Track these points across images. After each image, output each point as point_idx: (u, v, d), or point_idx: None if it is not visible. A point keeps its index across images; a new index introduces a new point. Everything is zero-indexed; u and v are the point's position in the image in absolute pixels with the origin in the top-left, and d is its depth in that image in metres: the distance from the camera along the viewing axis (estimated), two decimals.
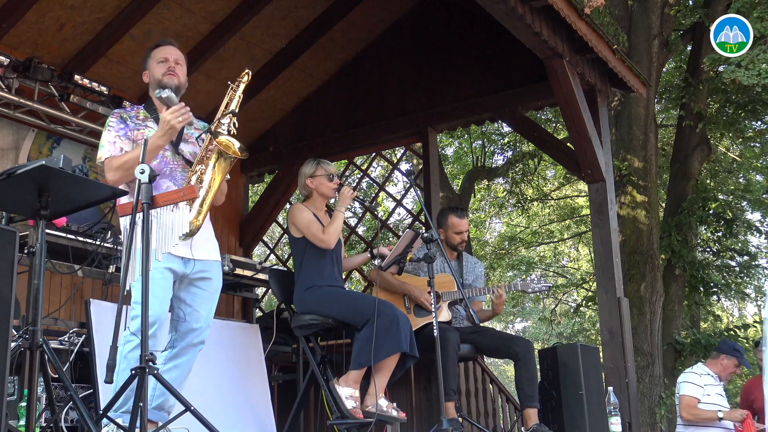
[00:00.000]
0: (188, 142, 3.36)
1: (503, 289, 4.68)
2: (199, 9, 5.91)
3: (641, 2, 9.56)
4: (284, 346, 5.35)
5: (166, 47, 3.36)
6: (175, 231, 2.90)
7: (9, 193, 2.43)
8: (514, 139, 13.00)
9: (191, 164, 3.23)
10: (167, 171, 3.23)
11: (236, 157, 3.22)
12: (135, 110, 3.36)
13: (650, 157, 9.40)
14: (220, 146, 3.15)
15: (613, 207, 5.69)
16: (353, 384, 4.01)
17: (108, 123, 3.25)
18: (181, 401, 2.74)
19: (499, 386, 6.78)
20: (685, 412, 5.78)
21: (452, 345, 4.39)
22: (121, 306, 2.66)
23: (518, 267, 15.44)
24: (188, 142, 3.36)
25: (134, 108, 3.41)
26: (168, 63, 3.29)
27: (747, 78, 6.85)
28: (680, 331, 9.59)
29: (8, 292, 2.22)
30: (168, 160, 3.25)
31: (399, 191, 13.66)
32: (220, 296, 3.42)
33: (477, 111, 6.49)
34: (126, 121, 3.25)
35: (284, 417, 4.50)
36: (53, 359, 2.57)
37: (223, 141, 3.16)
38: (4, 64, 4.96)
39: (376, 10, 6.68)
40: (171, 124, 3.05)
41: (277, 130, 7.38)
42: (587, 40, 5.12)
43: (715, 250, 11.31)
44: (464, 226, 4.89)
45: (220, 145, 3.15)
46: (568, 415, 4.56)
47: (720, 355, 5.91)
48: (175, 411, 2.74)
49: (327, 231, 4.15)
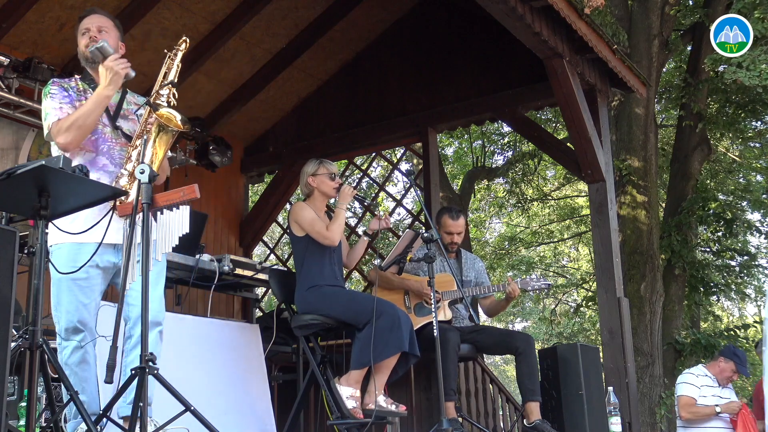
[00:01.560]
0: (127, 118, 3.22)
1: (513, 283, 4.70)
2: (199, 9, 5.91)
3: (641, 2, 9.56)
4: (284, 346, 5.35)
5: (87, 17, 3.23)
6: (175, 231, 2.90)
7: (9, 193, 2.42)
8: (514, 139, 13.00)
9: (130, 140, 3.11)
10: (105, 148, 3.11)
11: (178, 129, 3.04)
12: (73, 80, 3.22)
13: (650, 157, 9.40)
14: (161, 119, 2.98)
15: (613, 207, 5.69)
16: (354, 384, 4.02)
17: (49, 92, 3.11)
18: (181, 401, 2.74)
19: (499, 386, 6.78)
20: (683, 411, 5.80)
21: (452, 345, 4.40)
22: (121, 306, 2.66)
23: (518, 267, 15.44)
24: (127, 118, 3.22)
25: (72, 79, 3.24)
26: (90, 32, 3.18)
27: (748, 79, 6.85)
28: (680, 331, 9.59)
29: (8, 292, 2.22)
30: (107, 137, 3.13)
31: (399, 191, 13.68)
32: (220, 296, 3.41)
33: (477, 111, 6.49)
34: (67, 90, 3.13)
35: (284, 417, 4.50)
36: (53, 359, 2.57)
37: (163, 114, 2.99)
38: (4, 64, 4.97)
39: (376, 10, 6.68)
40: (114, 71, 2.97)
41: (277, 130, 7.39)
42: (587, 40, 5.13)
43: (715, 250, 11.31)
44: (456, 227, 4.86)
45: (161, 118, 2.98)
46: (568, 415, 4.56)
47: (719, 357, 5.93)
48: (175, 411, 2.74)
49: (331, 228, 4.15)
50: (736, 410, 5.66)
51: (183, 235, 2.98)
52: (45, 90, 3.14)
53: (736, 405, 5.69)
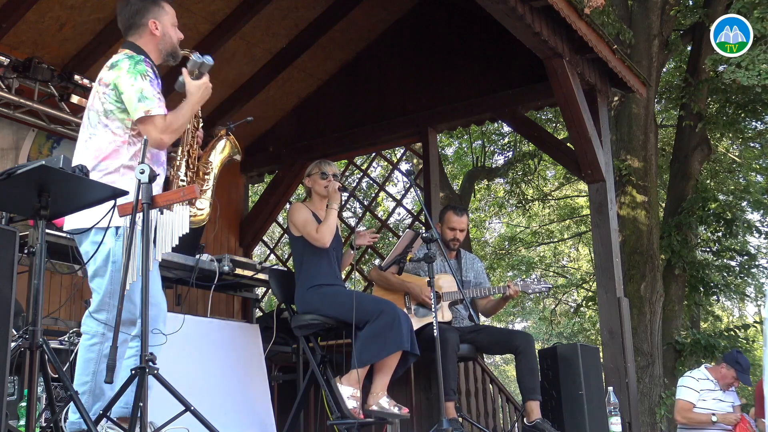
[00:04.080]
0: None
1: (514, 287, 4.70)
2: (199, 9, 5.91)
3: (641, 2, 9.56)
4: (284, 346, 5.34)
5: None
6: (175, 231, 2.90)
7: (9, 193, 2.42)
8: (514, 139, 13.00)
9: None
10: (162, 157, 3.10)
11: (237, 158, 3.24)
12: (150, 65, 3.03)
13: (650, 157, 9.40)
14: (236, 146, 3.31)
15: (613, 207, 5.69)
16: (355, 383, 4.01)
17: (145, 72, 2.91)
18: (181, 401, 2.73)
19: (499, 386, 6.78)
20: (678, 415, 5.78)
21: (451, 345, 4.40)
22: (121, 306, 2.65)
23: (518, 267, 15.45)
24: None
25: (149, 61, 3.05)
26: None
27: (747, 78, 6.85)
28: (680, 331, 9.60)
29: (8, 292, 2.22)
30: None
31: (399, 191, 13.68)
32: (220, 296, 3.41)
33: (477, 111, 6.49)
34: (156, 78, 2.99)
35: (284, 417, 4.50)
36: (53, 359, 2.57)
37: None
38: (4, 64, 4.97)
39: (376, 10, 6.68)
40: (209, 91, 3.02)
41: (277, 130, 7.39)
42: (587, 40, 5.13)
43: (715, 250, 11.31)
44: (460, 223, 4.87)
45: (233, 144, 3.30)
46: (568, 415, 4.56)
47: (722, 363, 5.86)
48: (175, 411, 2.73)
49: (320, 230, 4.17)
50: (733, 422, 5.60)
51: (183, 235, 2.98)
52: (136, 67, 2.91)
53: (734, 417, 5.63)
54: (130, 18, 3.08)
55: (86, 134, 2.98)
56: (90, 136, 2.96)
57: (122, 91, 2.89)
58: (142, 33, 3.08)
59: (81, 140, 3.00)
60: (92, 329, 2.94)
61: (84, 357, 2.91)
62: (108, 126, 2.94)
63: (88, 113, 3.01)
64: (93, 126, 2.97)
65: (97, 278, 2.94)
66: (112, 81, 2.92)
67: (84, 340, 2.93)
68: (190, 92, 3.01)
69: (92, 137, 2.95)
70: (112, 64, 2.98)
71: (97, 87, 2.99)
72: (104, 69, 3.00)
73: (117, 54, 3.04)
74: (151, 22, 3.09)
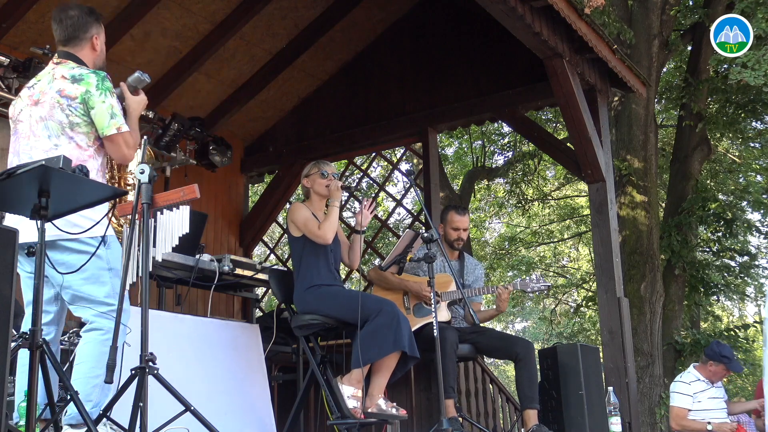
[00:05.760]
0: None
1: (503, 288, 4.68)
2: (199, 9, 5.91)
3: (641, 2, 9.56)
4: (284, 346, 5.35)
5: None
6: (175, 231, 2.90)
7: (9, 193, 2.42)
8: (514, 139, 13.00)
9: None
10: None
11: None
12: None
13: (650, 157, 9.40)
14: None
15: (613, 207, 5.69)
16: (356, 383, 4.02)
17: (109, 86, 3.02)
18: (181, 401, 2.74)
19: (499, 386, 6.79)
20: (674, 423, 5.74)
21: (450, 344, 4.40)
22: (121, 306, 2.65)
23: (518, 267, 15.44)
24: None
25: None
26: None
27: (753, 78, 6.83)
28: (680, 331, 9.59)
29: (8, 292, 2.21)
30: None
31: (399, 191, 13.69)
32: (220, 296, 3.41)
33: (477, 111, 6.49)
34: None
35: (284, 417, 4.50)
36: (53, 359, 2.57)
37: None
38: (4, 64, 4.96)
39: (376, 10, 6.68)
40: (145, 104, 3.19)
41: (277, 130, 7.39)
42: (587, 40, 5.12)
43: (715, 251, 11.30)
44: (463, 223, 4.89)
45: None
46: (568, 415, 4.55)
47: (708, 361, 5.79)
48: (175, 411, 2.74)
49: (322, 227, 4.17)
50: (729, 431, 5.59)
51: (183, 235, 2.98)
52: (103, 83, 3.00)
53: (729, 427, 5.59)
54: (74, 30, 3.12)
55: (47, 144, 2.96)
56: (54, 146, 2.94)
57: (92, 106, 2.95)
58: (83, 46, 3.14)
59: (38, 149, 2.96)
60: (106, 326, 2.95)
61: (99, 351, 2.89)
62: (73, 138, 2.97)
63: (45, 123, 2.97)
64: (56, 137, 2.96)
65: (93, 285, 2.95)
66: (80, 95, 2.95)
67: (98, 335, 2.93)
68: (132, 107, 3.12)
69: (57, 147, 2.94)
70: (75, 78, 2.99)
71: (57, 98, 2.97)
72: (62, 80, 3.00)
73: (68, 65, 3.06)
74: (94, 38, 3.17)
